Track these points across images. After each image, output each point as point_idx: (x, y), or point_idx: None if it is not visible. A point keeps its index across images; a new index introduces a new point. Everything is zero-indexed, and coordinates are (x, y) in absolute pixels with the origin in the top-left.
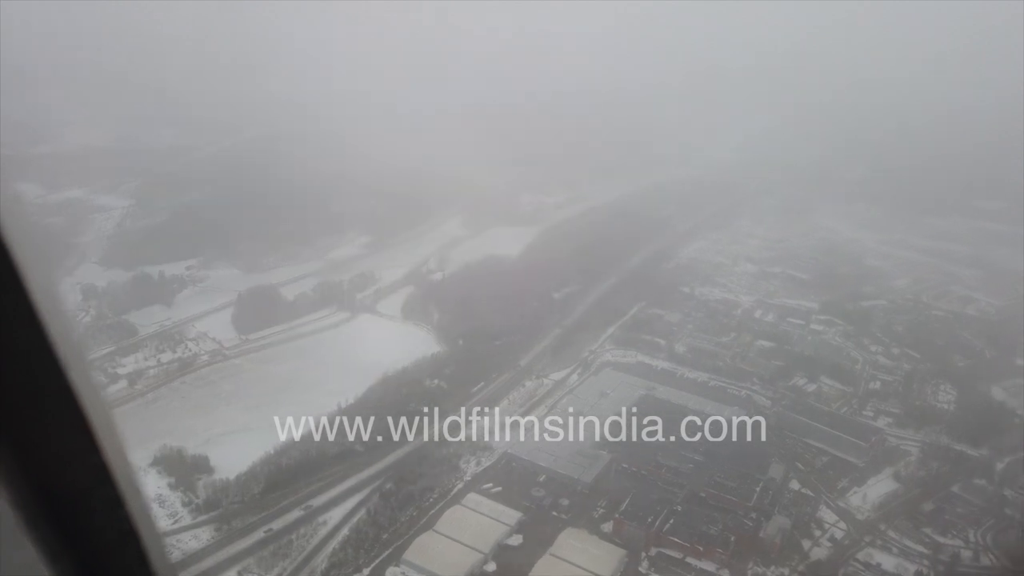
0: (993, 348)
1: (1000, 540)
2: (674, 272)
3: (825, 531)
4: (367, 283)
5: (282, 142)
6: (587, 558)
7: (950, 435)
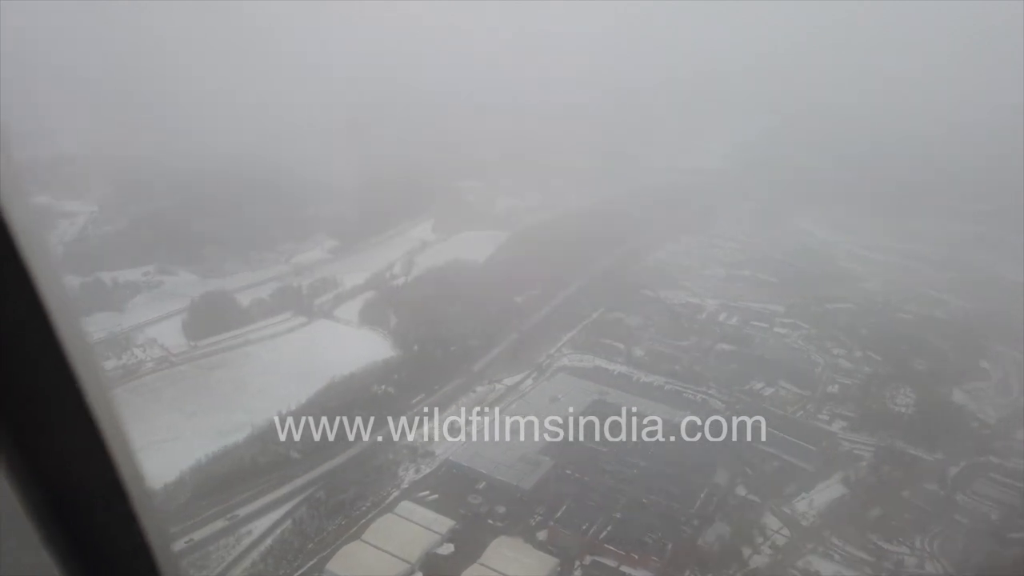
0: (958, 351)
1: (947, 547)
2: (640, 276)
3: (767, 538)
4: (327, 288)
5: (262, 146)
6: (516, 567)
7: (905, 439)
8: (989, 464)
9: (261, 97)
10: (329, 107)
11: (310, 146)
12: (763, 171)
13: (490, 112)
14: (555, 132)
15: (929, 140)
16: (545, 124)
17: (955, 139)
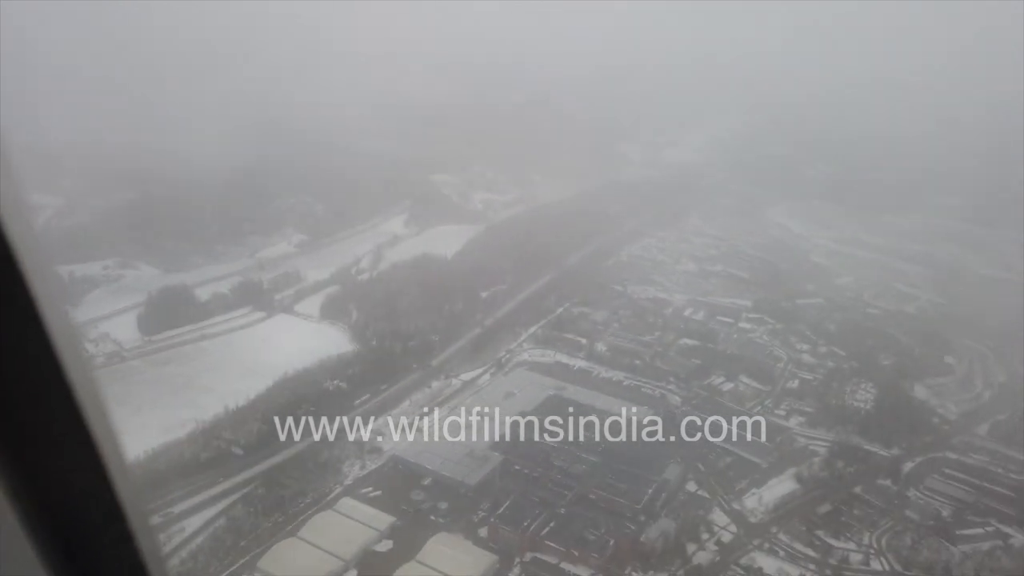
0: (924, 346)
1: (894, 543)
2: (611, 270)
3: (714, 534)
4: (290, 283)
5: (243, 139)
6: (454, 564)
7: (862, 435)
8: (946, 460)
9: (234, 92)
10: (303, 103)
11: (284, 140)
12: (742, 166)
13: (470, 107)
14: (536, 127)
15: (912, 137)
16: (526, 119)
17: (937, 135)
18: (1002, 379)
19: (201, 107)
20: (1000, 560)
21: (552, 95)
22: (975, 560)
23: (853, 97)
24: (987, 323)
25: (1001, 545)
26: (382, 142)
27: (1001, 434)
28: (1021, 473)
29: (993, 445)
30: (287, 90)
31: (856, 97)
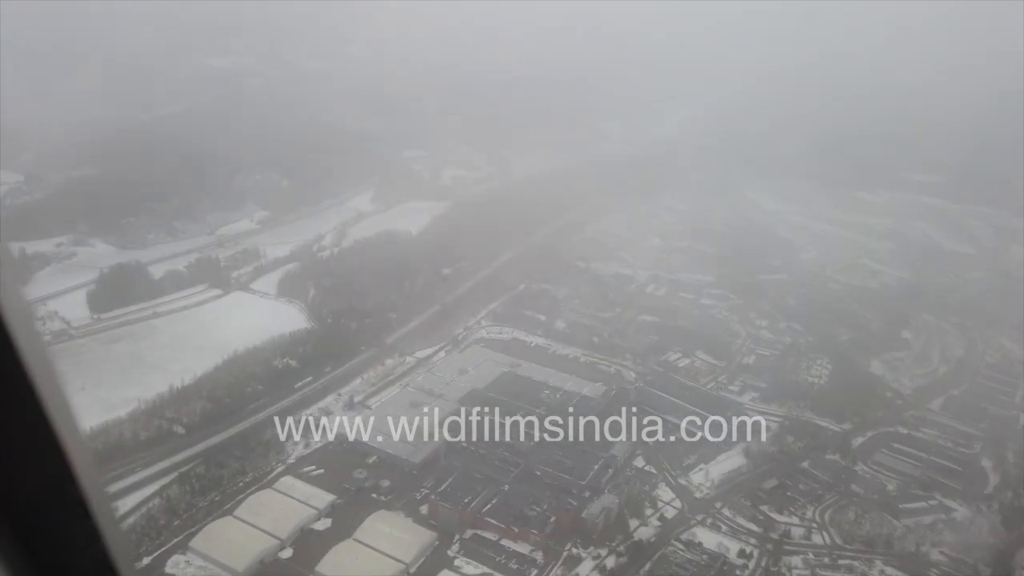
0: (883, 322)
1: (837, 517)
2: (576, 247)
3: (658, 510)
4: (248, 260)
5: (207, 114)
6: (391, 542)
7: (815, 410)
8: (896, 435)
9: (204, 67)
10: (272, 78)
11: (249, 115)
12: (720, 143)
13: (450, 82)
14: (516, 104)
15: (893, 115)
16: (507, 96)
17: (915, 111)
18: (960, 354)
19: (168, 83)
20: (942, 534)
21: (535, 73)
22: (916, 534)
23: (837, 75)
24: (950, 299)
25: (944, 519)
26: (355, 118)
27: (954, 409)
28: (970, 447)
29: (945, 420)
30: (261, 66)
31: (840, 76)
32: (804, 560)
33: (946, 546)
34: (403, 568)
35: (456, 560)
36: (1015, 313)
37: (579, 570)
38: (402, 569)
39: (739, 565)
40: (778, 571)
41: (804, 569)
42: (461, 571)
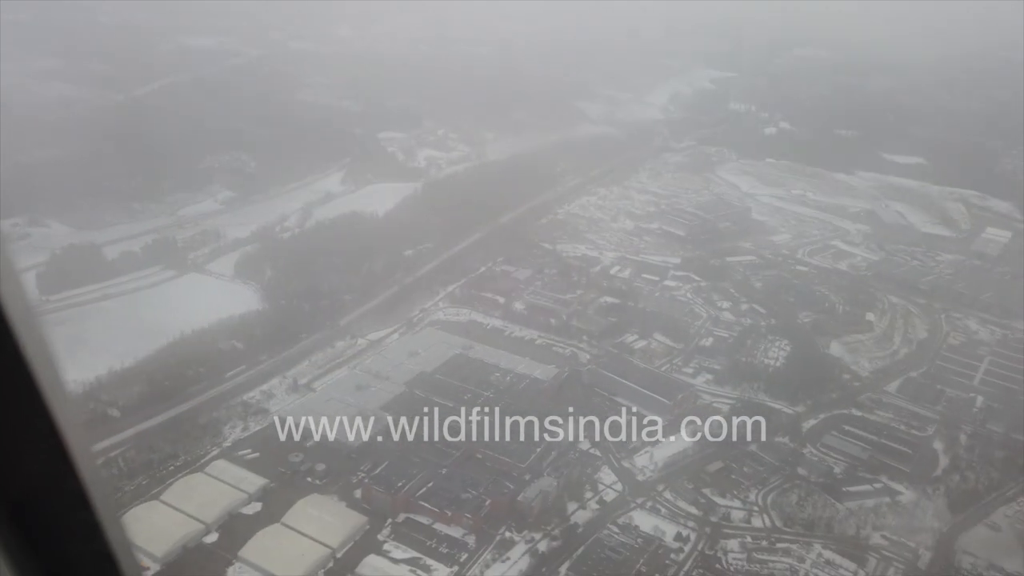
0: (848, 303)
1: (780, 501)
2: (544, 228)
3: (598, 493)
4: (207, 241)
5: (182, 94)
6: (319, 526)
7: (768, 392)
8: (849, 417)
9: (184, 46)
10: (253, 57)
11: (225, 95)
12: (702, 124)
13: (435, 64)
14: (496, 84)
15: (881, 96)
16: (487, 76)
17: (908, 95)
18: (923, 336)
19: (146, 62)
20: (885, 517)
21: (517, 52)
22: (858, 517)
23: (828, 55)
24: (920, 281)
25: (888, 502)
26: (334, 98)
27: (910, 391)
28: (922, 430)
29: (900, 402)
30: (244, 46)
31: (830, 56)
32: (741, 543)
33: (888, 530)
34: (329, 552)
35: (386, 544)
36: (984, 295)
37: (511, 554)
38: (328, 553)
39: (675, 548)
40: (714, 555)
41: (740, 552)
42: (390, 555)
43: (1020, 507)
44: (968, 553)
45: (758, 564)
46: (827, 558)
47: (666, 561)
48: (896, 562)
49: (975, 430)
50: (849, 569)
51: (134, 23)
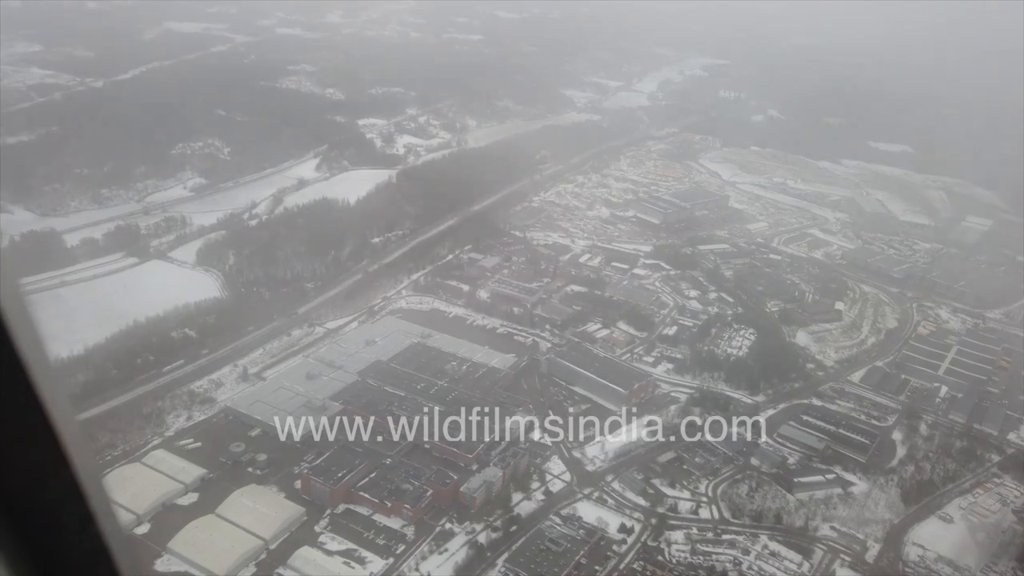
0: (820, 292)
1: (730, 491)
2: (518, 216)
3: (545, 483)
4: (173, 228)
5: (163, 81)
6: (254, 517)
7: (729, 382)
8: (810, 407)
9: (170, 32)
10: (239, 44)
11: (206, 81)
12: (690, 111)
13: (418, 48)
14: (485, 71)
15: (869, 81)
16: (476, 63)
17: (896, 81)
18: (892, 325)
19: (130, 49)
20: (836, 508)
21: (508, 40)
22: (808, 508)
23: (823, 44)
24: (893, 269)
25: (840, 493)
26: (318, 85)
27: (874, 380)
28: (883, 420)
29: (863, 391)
30: (232, 32)
31: (826, 45)
32: (686, 535)
33: (838, 521)
34: (262, 544)
35: (322, 536)
36: (958, 284)
37: (449, 545)
38: (260, 545)
39: (618, 540)
40: (657, 546)
41: (684, 544)
42: (324, 547)
43: (975, 498)
44: (918, 545)
45: (701, 556)
46: (773, 549)
47: (608, 553)
48: (843, 554)
49: (936, 420)
50: (794, 561)
51: (123, 9)
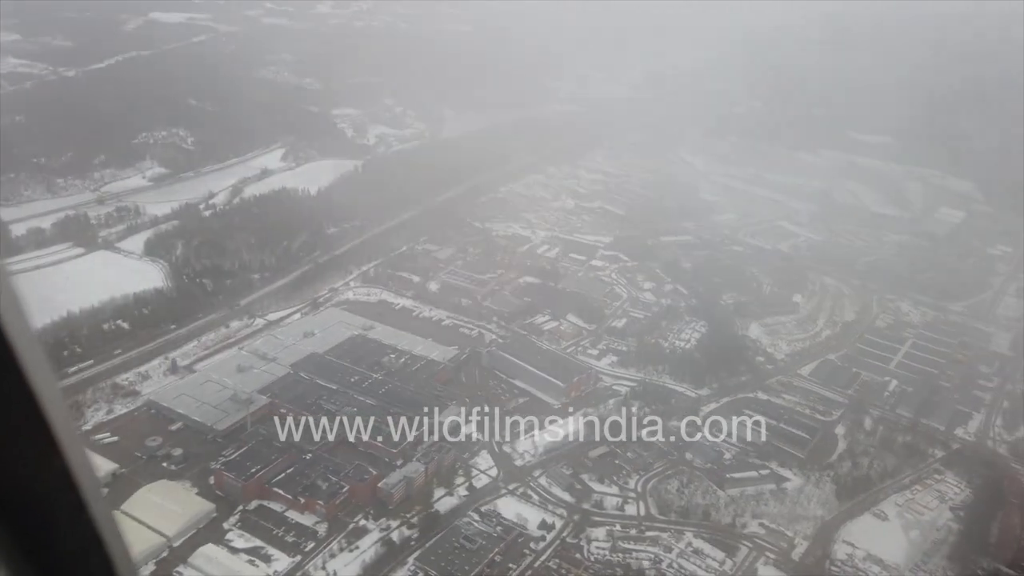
0: (779, 284)
1: (660, 487)
2: (481, 207)
3: (470, 479)
4: (125, 218)
5: (138, 70)
6: (159, 514)
7: (674, 375)
8: (754, 401)
9: (152, 22)
10: (222, 33)
11: (182, 71)
12: (671, 102)
13: (405, 38)
14: (467, 60)
15: (860, 70)
16: (459, 52)
17: (886, 70)
18: (849, 318)
19: (109, 38)
20: (767, 504)
21: (498, 30)
22: (738, 504)
23: (818, 34)
24: (859, 262)
25: (773, 488)
26: (295, 75)
27: (824, 374)
28: (827, 414)
29: (811, 385)
30: (215, 22)
31: (816, 34)
32: (609, 531)
33: (768, 517)
34: (164, 542)
35: (229, 533)
36: (922, 275)
37: (361, 543)
38: (163, 543)
39: (537, 537)
40: (577, 543)
41: (606, 541)
42: (231, 544)
43: (913, 495)
44: (847, 543)
45: (621, 553)
46: (696, 547)
47: (524, 550)
48: (769, 551)
49: (883, 415)
50: (717, 559)
51: None
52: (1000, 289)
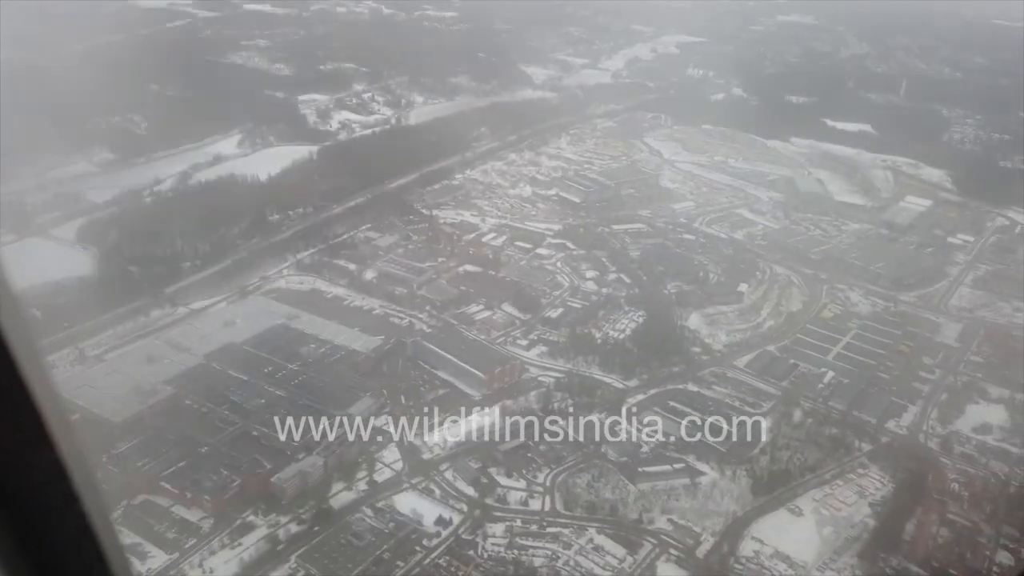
0: (726, 274)
1: (569, 482)
2: (433, 194)
3: (373, 473)
4: (63, 204)
5: (105, 56)
6: None
7: (603, 366)
8: (682, 393)
9: (130, 7)
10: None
11: (151, 57)
12: (649, 89)
13: (386, 24)
14: (444, 45)
15: (847, 59)
16: (439, 39)
17: (873, 59)
18: (795, 308)
19: (84, 23)
20: (678, 500)
21: (485, 16)
22: (647, 499)
23: (811, 22)
24: (814, 251)
25: (687, 483)
26: (268, 61)
27: (760, 365)
28: (757, 407)
29: (745, 377)
30: (195, 7)
31: (813, 23)
32: (508, 527)
33: (677, 513)
34: None
35: None
36: (876, 265)
37: (245, 540)
38: None
39: (431, 533)
40: (472, 540)
41: (503, 537)
42: None
43: (832, 490)
44: (756, 539)
45: (518, 550)
46: (597, 544)
47: (415, 547)
48: (673, 548)
49: (814, 407)
50: (617, 555)
51: None
52: (956, 279)
